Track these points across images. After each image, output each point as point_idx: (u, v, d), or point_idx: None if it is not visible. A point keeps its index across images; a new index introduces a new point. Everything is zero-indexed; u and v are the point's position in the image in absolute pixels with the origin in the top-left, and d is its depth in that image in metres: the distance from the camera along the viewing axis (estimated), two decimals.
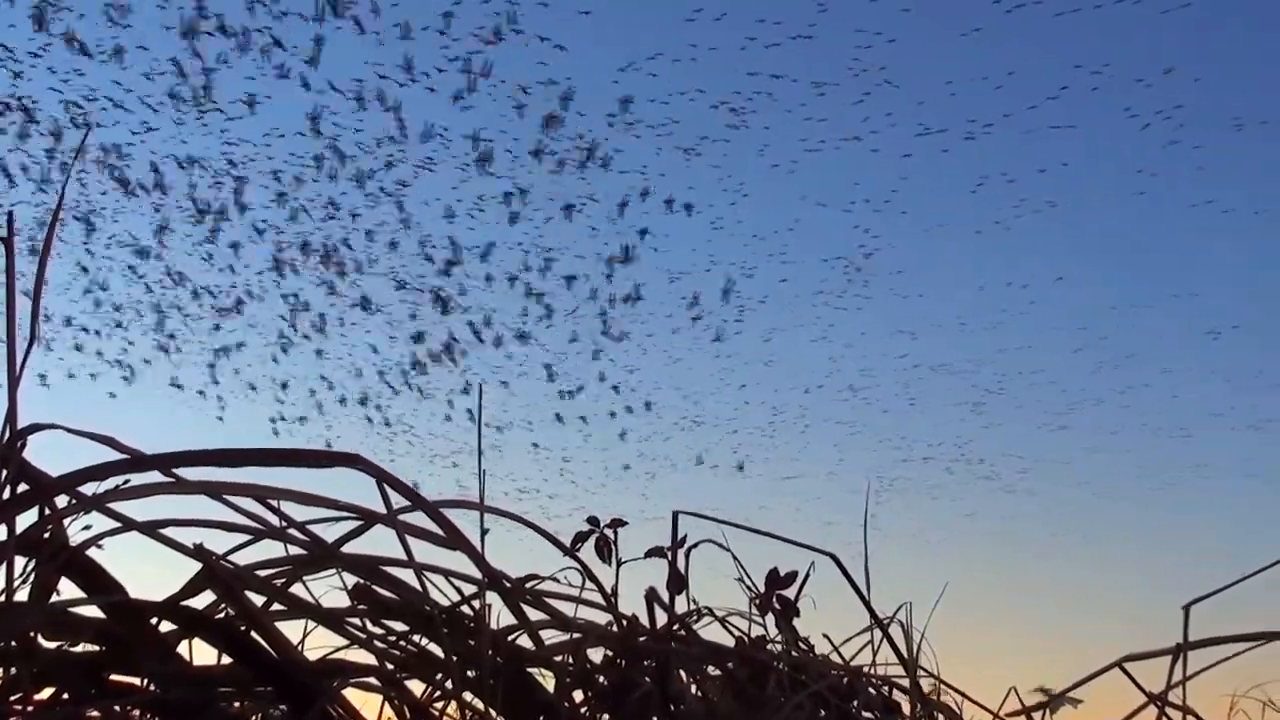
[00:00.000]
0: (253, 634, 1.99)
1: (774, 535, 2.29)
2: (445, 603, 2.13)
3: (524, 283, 8.17)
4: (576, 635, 2.23)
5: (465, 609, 2.13)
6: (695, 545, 2.59)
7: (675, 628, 2.44)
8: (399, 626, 2.15)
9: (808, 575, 2.57)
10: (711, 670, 2.52)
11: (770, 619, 2.72)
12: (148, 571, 2.26)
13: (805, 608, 2.64)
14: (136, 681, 1.90)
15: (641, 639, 2.37)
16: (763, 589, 2.66)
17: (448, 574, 2.18)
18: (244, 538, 2.15)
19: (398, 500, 2.09)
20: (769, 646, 2.79)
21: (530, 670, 2.19)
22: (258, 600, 2.08)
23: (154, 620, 1.93)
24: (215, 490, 2.09)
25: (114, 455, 2.12)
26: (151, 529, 2.11)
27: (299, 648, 2.06)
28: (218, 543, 2.16)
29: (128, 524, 2.09)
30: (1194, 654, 2.68)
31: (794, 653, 2.66)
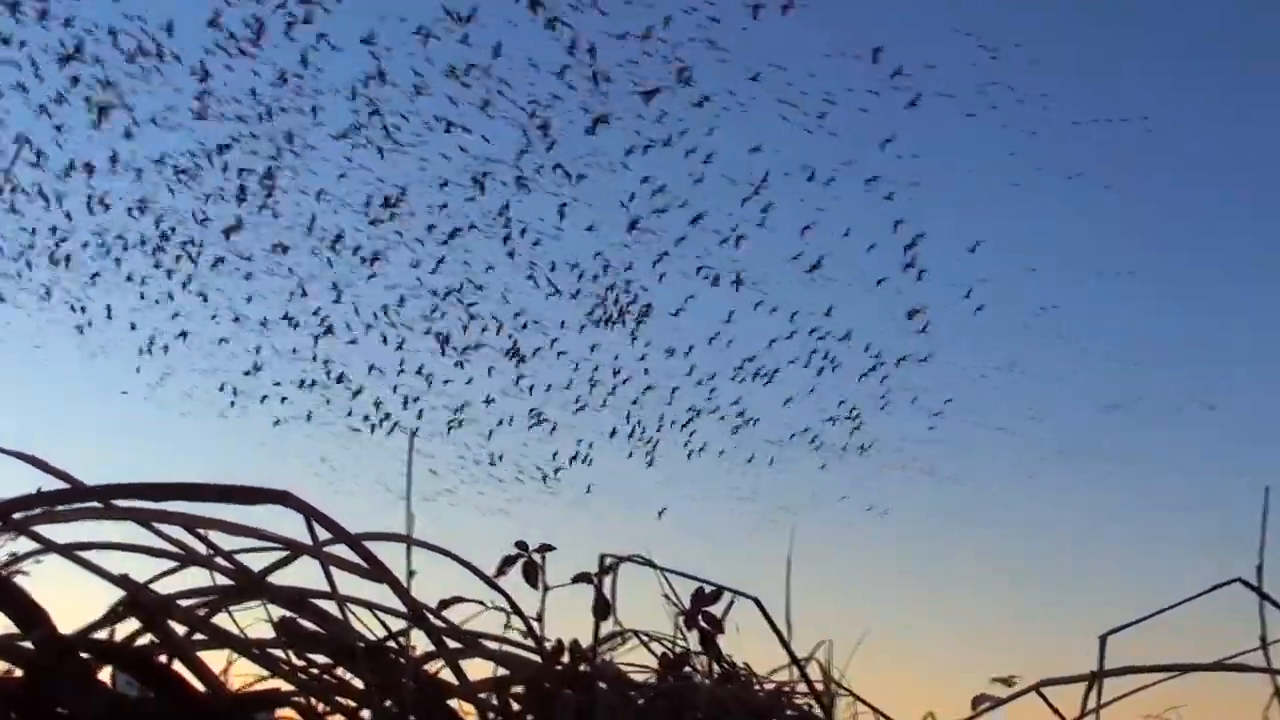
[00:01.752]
0: (175, 664, 2.00)
1: (697, 578, 2.33)
2: (371, 637, 2.14)
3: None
4: (501, 672, 2.26)
5: (389, 643, 2.15)
6: (624, 560, 2.63)
7: (599, 651, 2.48)
8: (323, 659, 2.16)
9: (729, 607, 2.63)
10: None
11: (695, 637, 2.78)
12: (74, 597, 2.27)
13: (730, 633, 2.70)
14: (59, 712, 1.90)
15: (562, 665, 2.40)
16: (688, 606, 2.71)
17: (372, 607, 2.20)
18: (169, 564, 2.16)
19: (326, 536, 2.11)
20: (691, 665, 2.85)
21: (452, 704, 2.21)
22: (180, 630, 2.09)
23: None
24: (144, 517, 2.10)
25: (40, 474, 2.14)
26: (74, 553, 2.11)
27: (223, 678, 2.07)
28: (143, 569, 2.17)
29: (49, 546, 2.09)
30: (1110, 682, 2.76)
31: (717, 671, 2.72)
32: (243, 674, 2.16)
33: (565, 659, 2.46)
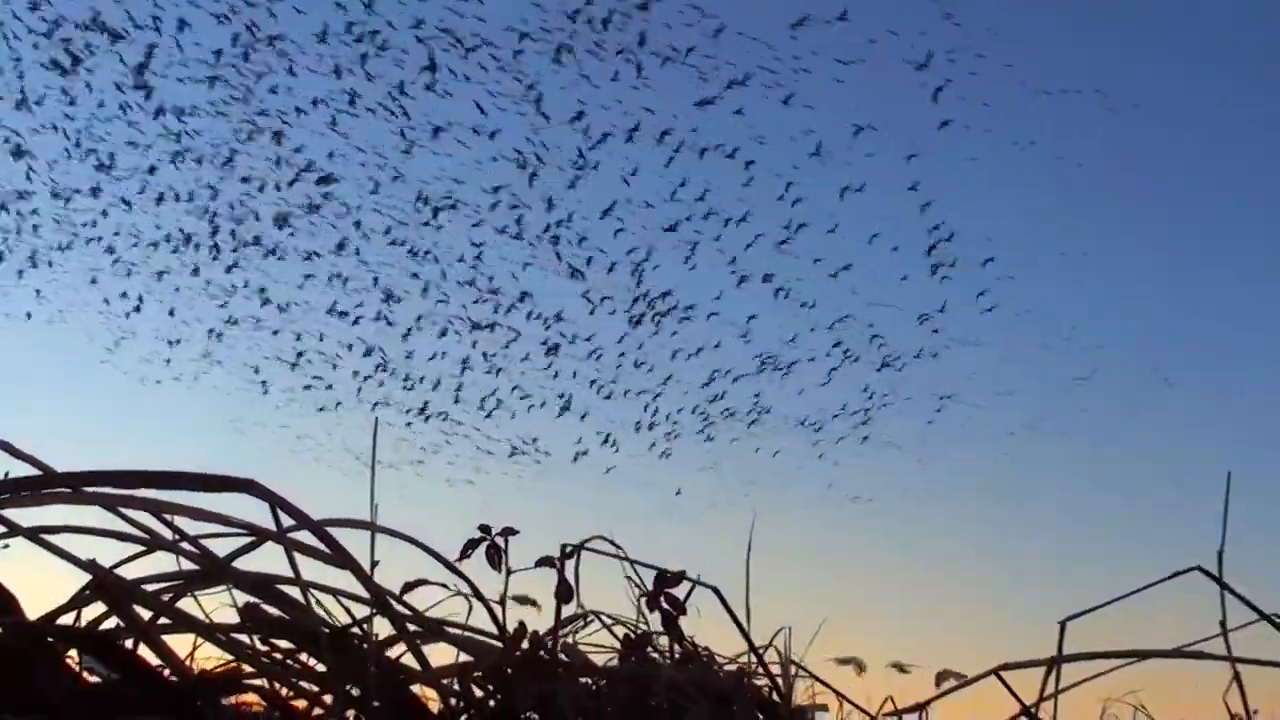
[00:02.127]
0: (141, 649, 2.02)
1: (657, 567, 2.37)
2: (336, 623, 2.17)
3: None
4: (464, 657, 2.29)
5: (353, 629, 2.18)
6: (587, 541, 2.67)
7: (562, 634, 2.52)
8: (287, 645, 2.19)
9: (690, 592, 2.67)
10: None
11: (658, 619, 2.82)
12: (39, 582, 2.29)
13: (693, 616, 2.74)
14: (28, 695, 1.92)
15: (522, 651, 2.44)
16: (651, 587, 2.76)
17: (336, 593, 2.23)
18: (136, 549, 2.18)
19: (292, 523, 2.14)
20: (653, 646, 2.89)
21: (415, 689, 2.25)
22: (146, 614, 2.11)
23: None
24: (111, 502, 2.12)
25: (8, 459, 2.15)
26: (41, 537, 2.13)
27: (188, 663, 2.10)
28: (110, 553, 2.19)
29: (15, 530, 2.11)
30: (1070, 667, 2.82)
31: (679, 651, 2.76)
32: (208, 658, 2.19)
33: (526, 644, 2.51)
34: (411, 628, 2.23)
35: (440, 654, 2.43)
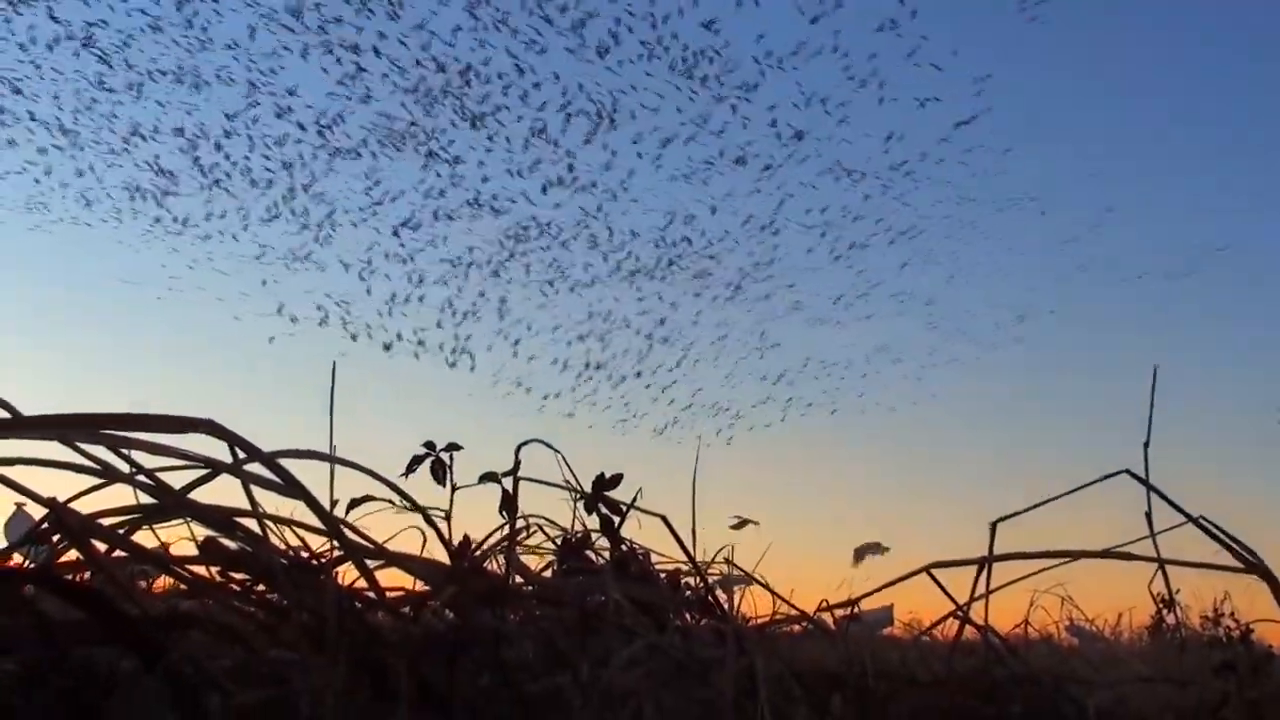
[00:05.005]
0: (100, 584, 2.05)
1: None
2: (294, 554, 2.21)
3: None
4: (420, 586, 2.34)
5: (310, 560, 2.22)
6: (525, 444, 2.72)
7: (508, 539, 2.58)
8: (243, 577, 2.23)
9: (635, 499, 2.73)
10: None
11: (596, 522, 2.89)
12: None
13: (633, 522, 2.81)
14: None
15: (471, 575, 2.50)
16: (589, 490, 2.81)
17: (292, 524, 2.27)
18: (94, 481, 2.20)
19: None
20: (590, 548, 2.96)
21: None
22: (104, 548, 2.14)
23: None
24: (66, 437, 2.12)
25: None
26: None
27: (147, 596, 2.13)
28: (66, 486, 2.20)
29: None
30: (1000, 567, 2.92)
31: (618, 553, 2.83)
32: (164, 590, 2.22)
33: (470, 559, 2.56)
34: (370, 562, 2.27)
35: (395, 579, 2.49)
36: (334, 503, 2.19)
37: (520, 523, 2.82)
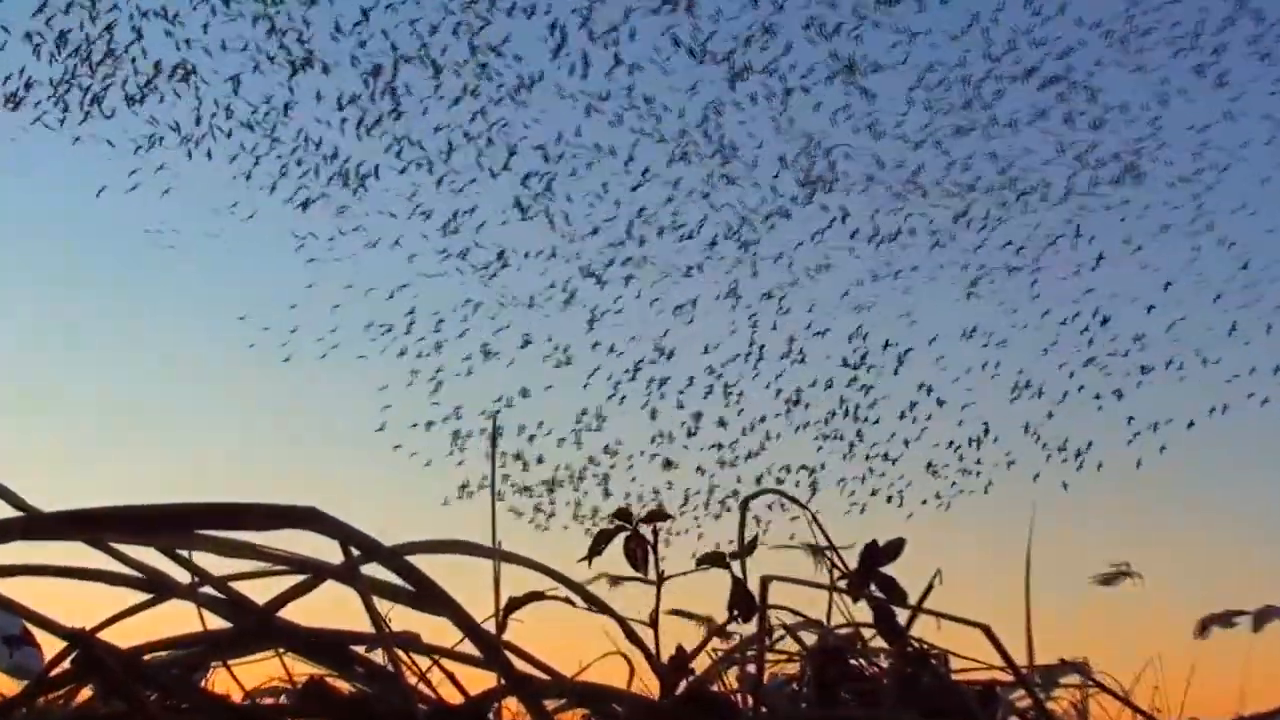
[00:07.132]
0: None
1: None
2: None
3: None
4: None
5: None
6: (754, 495, 1.83)
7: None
8: None
9: (933, 583, 1.88)
10: None
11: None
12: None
13: None
14: None
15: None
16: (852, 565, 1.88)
17: (438, 652, 1.57)
18: (139, 597, 1.53)
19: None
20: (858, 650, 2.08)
21: None
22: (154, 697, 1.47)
23: None
24: (99, 539, 1.46)
25: None
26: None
27: None
28: (100, 603, 1.55)
29: None
30: None
31: (903, 657, 1.93)
32: None
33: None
34: (549, 704, 1.56)
35: None
36: (500, 619, 1.49)
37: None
